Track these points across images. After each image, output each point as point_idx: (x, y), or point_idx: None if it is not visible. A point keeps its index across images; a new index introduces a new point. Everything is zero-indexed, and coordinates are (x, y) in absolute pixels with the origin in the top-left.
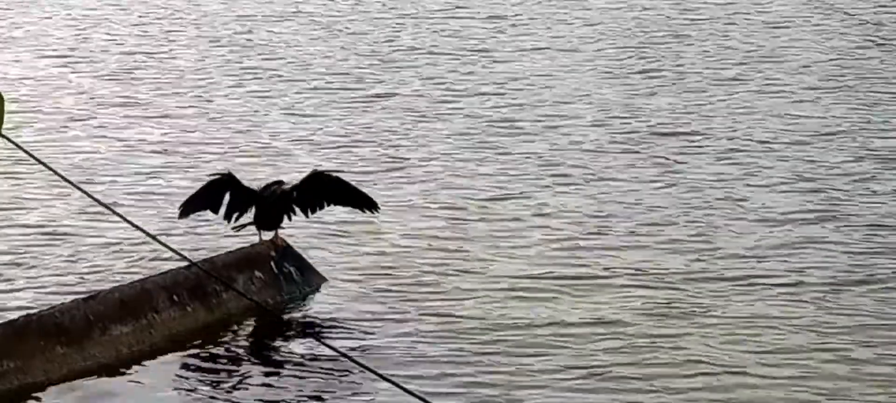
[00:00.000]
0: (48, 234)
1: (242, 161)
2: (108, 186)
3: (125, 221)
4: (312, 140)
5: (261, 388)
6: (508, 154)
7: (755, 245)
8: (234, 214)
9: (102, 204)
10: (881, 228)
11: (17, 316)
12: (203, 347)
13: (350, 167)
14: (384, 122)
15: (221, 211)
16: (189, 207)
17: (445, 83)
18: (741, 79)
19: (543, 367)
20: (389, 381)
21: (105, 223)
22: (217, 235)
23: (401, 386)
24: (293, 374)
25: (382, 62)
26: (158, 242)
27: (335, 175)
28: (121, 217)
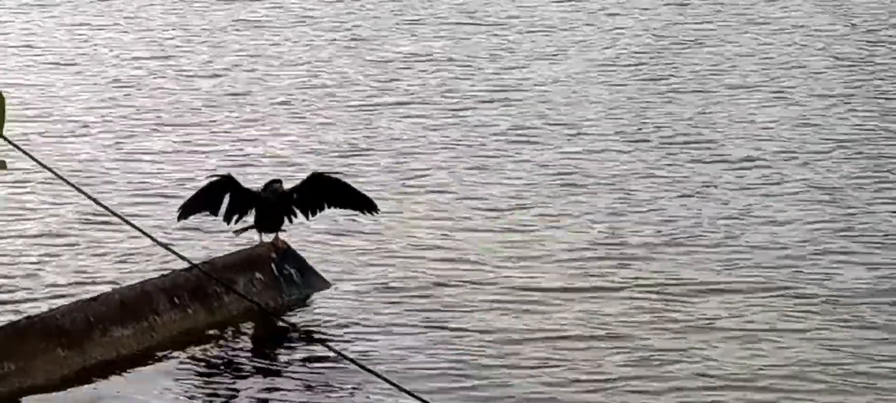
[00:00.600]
0: (48, 236)
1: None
2: (109, 188)
3: (126, 223)
4: (319, 148)
5: (261, 390)
6: (518, 162)
7: (771, 256)
8: (234, 216)
9: (103, 206)
10: None
11: (18, 318)
12: (204, 349)
13: (357, 173)
14: (393, 130)
15: (221, 213)
16: (188, 209)
17: (456, 90)
18: (756, 87)
19: (550, 378)
20: (390, 383)
21: (105, 225)
22: (218, 237)
23: (402, 388)
24: (294, 376)
25: (391, 69)
26: (159, 243)
27: (335, 176)
28: (121, 218)
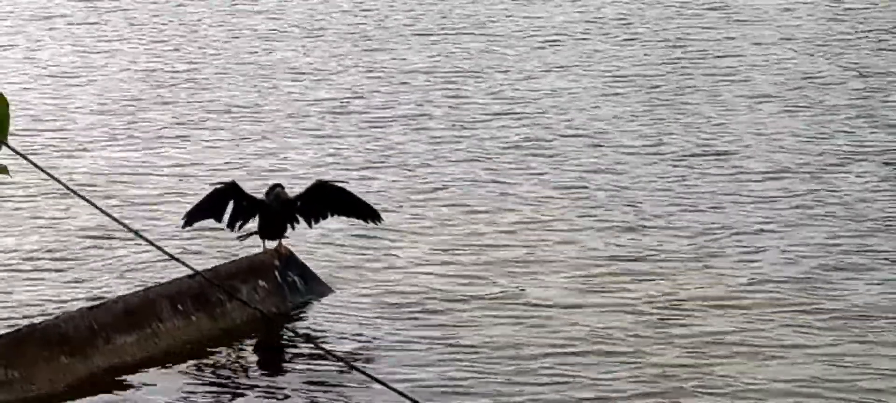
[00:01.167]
0: (51, 243)
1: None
2: (111, 196)
3: (129, 230)
4: (328, 161)
5: (265, 398)
6: (529, 175)
7: (784, 271)
8: (238, 223)
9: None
10: None
11: (21, 326)
12: (207, 356)
13: (366, 184)
14: (403, 142)
15: (225, 220)
16: (193, 216)
17: (468, 102)
18: (769, 98)
19: (557, 394)
20: (394, 390)
21: (108, 232)
22: (222, 244)
23: (404, 395)
24: (297, 383)
25: (401, 81)
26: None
27: (339, 185)
28: (124, 226)
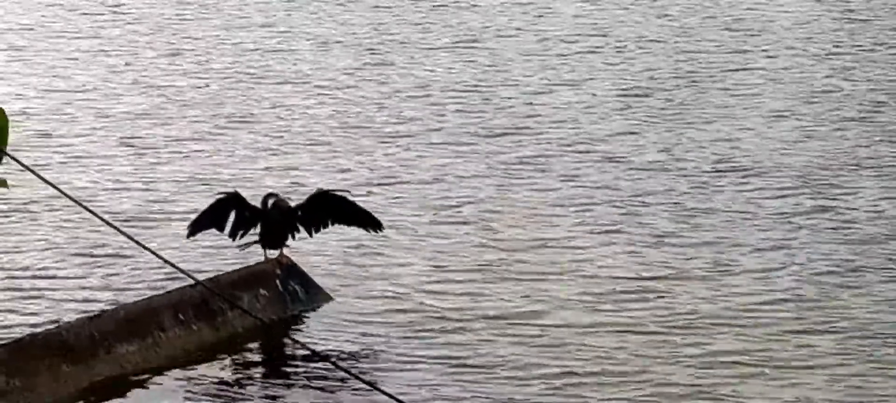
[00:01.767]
0: (53, 253)
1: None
2: (113, 205)
3: (131, 240)
4: (335, 174)
5: None
6: (538, 191)
7: (794, 290)
8: (240, 232)
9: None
10: None
11: (23, 335)
12: (208, 365)
13: (375, 196)
14: (412, 156)
15: (227, 230)
16: (197, 226)
17: (477, 117)
18: (788, 113)
19: None
20: (396, 400)
21: (110, 241)
22: (223, 254)
23: None
24: (298, 392)
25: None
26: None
27: (340, 194)
28: (126, 235)
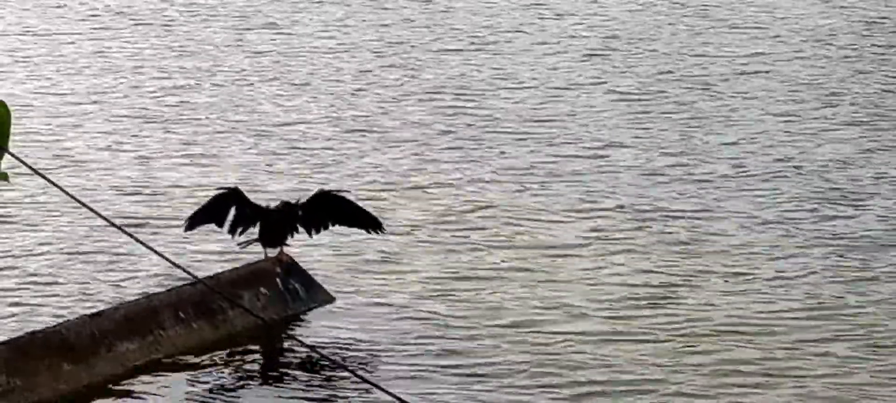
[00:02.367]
0: (54, 251)
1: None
2: (113, 203)
3: (131, 238)
4: (344, 178)
5: None
6: (547, 195)
7: (802, 297)
8: (239, 229)
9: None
10: None
11: (23, 333)
12: (209, 364)
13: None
14: (420, 159)
15: (226, 226)
16: (195, 221)
17: (487, 120)
18: (800, 118)
19: None
20: (396, 398)
21: (110, 239)
22: (224, 251)
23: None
24: (298, 391)
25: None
26: (164, 258)
27: (341, 194)
28: (126, 233)
